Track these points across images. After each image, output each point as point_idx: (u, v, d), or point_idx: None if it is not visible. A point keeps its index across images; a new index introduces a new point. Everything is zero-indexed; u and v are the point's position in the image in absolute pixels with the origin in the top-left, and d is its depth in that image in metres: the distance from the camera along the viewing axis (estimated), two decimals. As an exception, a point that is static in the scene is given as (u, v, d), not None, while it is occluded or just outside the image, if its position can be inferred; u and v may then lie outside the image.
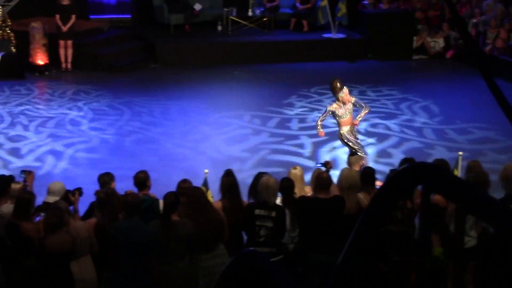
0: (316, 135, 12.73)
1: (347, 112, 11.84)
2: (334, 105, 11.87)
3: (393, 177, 3.15)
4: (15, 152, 13.43)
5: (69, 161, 13.09)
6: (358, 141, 12.10)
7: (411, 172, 3.09)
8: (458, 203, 3.06)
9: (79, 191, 8.77)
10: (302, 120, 15.55)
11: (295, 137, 14.50)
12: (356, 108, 12.06)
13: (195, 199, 8.12)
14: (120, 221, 7.96)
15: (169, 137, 14.43)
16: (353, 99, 11.98)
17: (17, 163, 12.77)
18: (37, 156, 13.29)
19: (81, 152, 13.53)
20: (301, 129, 14.97)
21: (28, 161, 12.93)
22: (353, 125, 11.98)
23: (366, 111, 12.08)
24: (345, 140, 11.88)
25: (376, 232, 3.15)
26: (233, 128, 15.01)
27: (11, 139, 14.13)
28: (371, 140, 14.25)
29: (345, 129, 11.84)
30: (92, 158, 13.25)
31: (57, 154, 13.35)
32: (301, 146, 13.99)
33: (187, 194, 8.21)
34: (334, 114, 11.88)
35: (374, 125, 15.16)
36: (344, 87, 11.89)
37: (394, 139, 14.44)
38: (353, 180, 8.44)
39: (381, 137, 14.49)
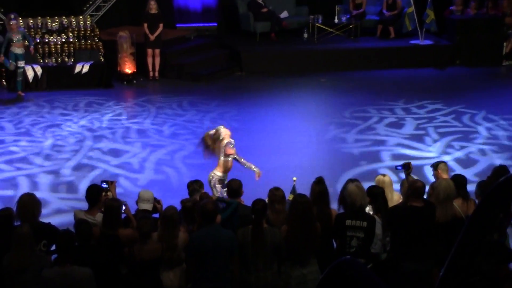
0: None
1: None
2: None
3: (495, 188, 3.04)
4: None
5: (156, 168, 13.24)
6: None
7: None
8: None
9: (160, 200, 8.80)
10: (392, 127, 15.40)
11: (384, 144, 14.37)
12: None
13: (302, 210, 7.83)
14: (201, 230, 7.66)
15: (256, 145, 14.40)
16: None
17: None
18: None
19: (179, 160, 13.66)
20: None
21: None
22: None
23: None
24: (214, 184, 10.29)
25: (479, 243, 3.04)
26: (319, 136, 14.94)
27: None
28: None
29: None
30: (192, 163, 13.26)
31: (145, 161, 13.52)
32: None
33: (295, 204, 7.92)
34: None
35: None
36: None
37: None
38: (451, 191, 8.33)
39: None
